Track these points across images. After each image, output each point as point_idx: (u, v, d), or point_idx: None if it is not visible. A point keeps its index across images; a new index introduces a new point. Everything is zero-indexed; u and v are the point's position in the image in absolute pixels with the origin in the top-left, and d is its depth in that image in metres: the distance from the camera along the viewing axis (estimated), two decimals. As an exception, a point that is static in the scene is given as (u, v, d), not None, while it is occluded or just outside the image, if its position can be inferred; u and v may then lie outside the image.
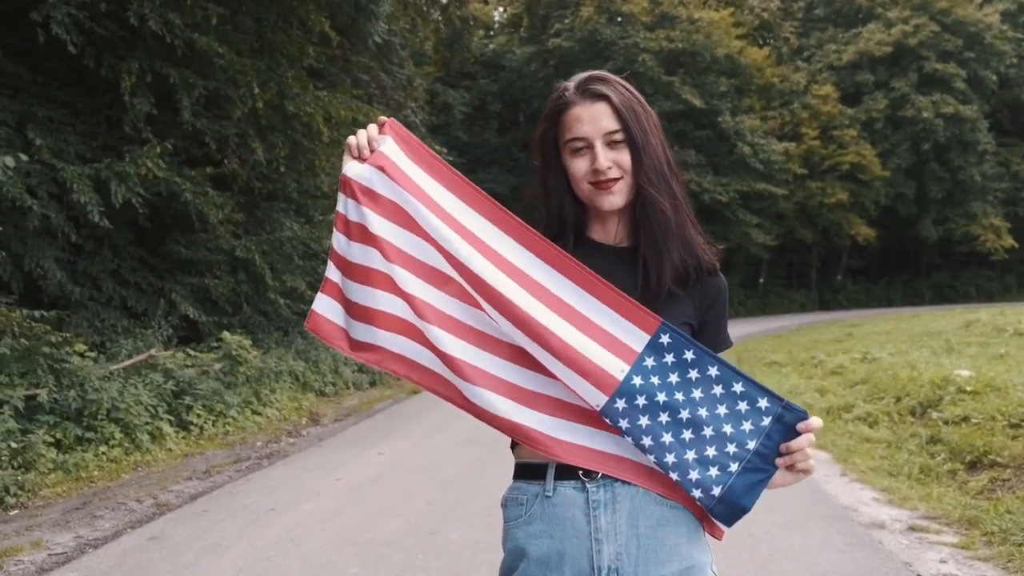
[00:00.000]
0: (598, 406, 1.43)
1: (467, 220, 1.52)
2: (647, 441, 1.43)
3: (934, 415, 7.69)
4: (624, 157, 1.50)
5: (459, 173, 1.56)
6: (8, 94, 9.13)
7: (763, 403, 1.44)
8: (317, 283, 13.98)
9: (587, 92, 1.52)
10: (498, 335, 1.50)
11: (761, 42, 39.22)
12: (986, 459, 6.24)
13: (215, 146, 10.74)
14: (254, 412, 9.78)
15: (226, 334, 10.25)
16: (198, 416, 8.75)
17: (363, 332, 1.54)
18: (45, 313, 7.79)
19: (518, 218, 1.52)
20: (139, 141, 9.60)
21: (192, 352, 9.75)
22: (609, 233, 1.59)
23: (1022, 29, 40.87)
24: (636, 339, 1.45)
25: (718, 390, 1.44)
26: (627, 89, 1.53)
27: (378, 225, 1.52)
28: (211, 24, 9.97)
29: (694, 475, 1.44)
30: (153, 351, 9.08)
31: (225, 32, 10.74)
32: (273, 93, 11.15)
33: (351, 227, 1.53)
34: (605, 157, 1.49)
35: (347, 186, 1.53)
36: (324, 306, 1.57)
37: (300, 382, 11.59)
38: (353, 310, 1.54)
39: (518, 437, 1.48)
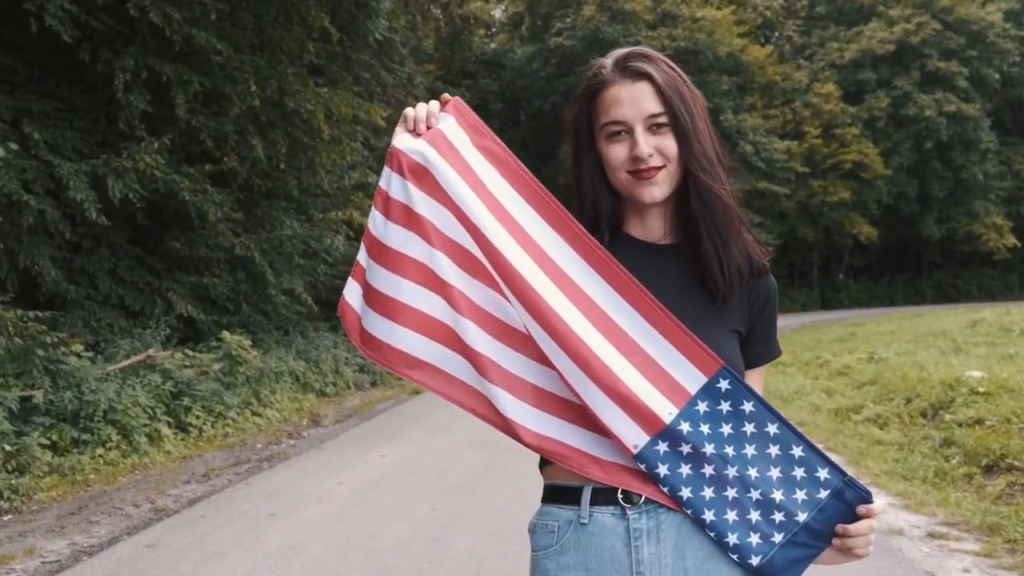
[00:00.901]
0: (636, 447, 1.28)
1: (525, 221, 1.36)
2: (685, 493, 1.29)
3: (947, 417, 7.55)
4: (668, 143, 1.34)
5: (525, 169, 1.39)
6: (4, 89, 8.99)
7: (823, 474, 1.30)
8: (317, 283, 13.88)
9: (627, 70, 1.36)
10: (531, 334, 1.35)
11: (763, 40, 39.08)
12: (1003, 463, 6.09)
13: (213, 143, 10.59)
14: (254, 413, 9.64)
15: (226, 334, 10.11)
16: (197, 417, 8.61)
17: (378, 325, 1.37)
18: (40, 313, 7.64)
19: (582, 227, 1.36)
20: (136, 139, 9.45)
21: (191, 352, 9.60)
22: (648, 229, 1.43)
23: (1024, 27, 40.74)
24: (691, 379, 1.30)
25: (774, 451, 1.30)
26: (671, 67, 1.37)
27: (424, 206, 1.35)
28: (210, 20, 9.82)
29: (732, 539, 1.30)
30: (151, 351, 8.94)
31: (224, 28, 10.59)
32: (273, 90, 11.02)
33: (392, 206, 1.37)
34: (646, 143, 1.33)
35: (394, 159, 1.36)
36: (352, 293, 1.41)
37: (300, 382, 11.45)
38: (372, 298, 1.38)
39: (548, 453, 1.33)
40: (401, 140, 1.37)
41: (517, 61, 33.82)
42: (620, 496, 1.31)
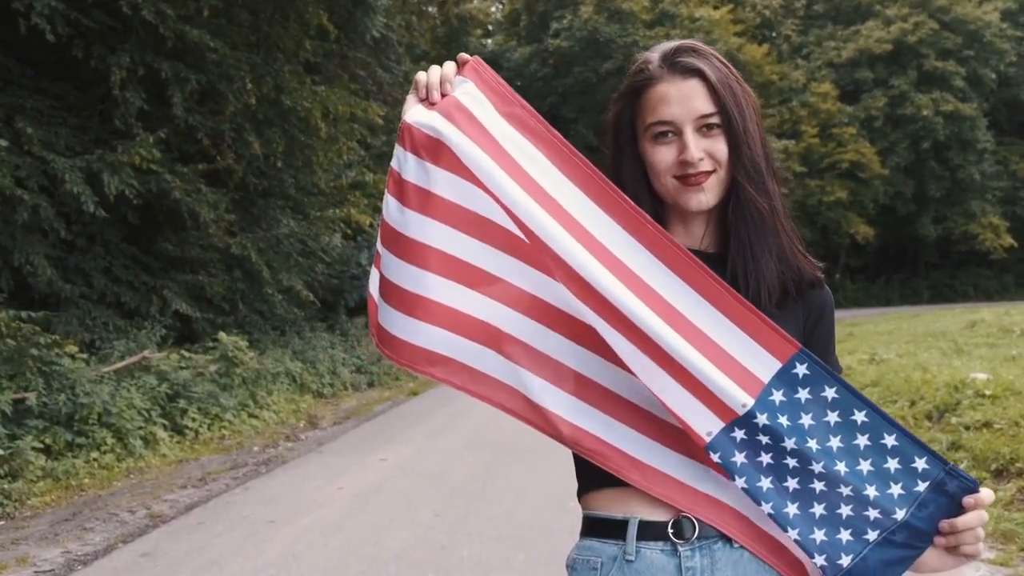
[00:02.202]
0: (710, 434, 1.14)
1: (565, 198, 1.20)
2: (765, 483, 1.14)
3: (953, 420, 7.46)
4: (719, 146, 1.23)
5: (562, 139, 1.22)
6: (-4, 86, 8.86)
7: (920, 464, 1.14)
8: (315, 282, 13.76)
9: (676, 66, 1.24)
10: (585, 319, 1.21)
11: (760, 39, 39.01)
12: (1013, 467, 6.01)
13: (209, 142, 10.47)
14: (251, 415, 9.51)
15: (222, 335, 9.98)
16: (193, 420, 8.48)
17: (396, 321, 1.23)
18: (32, 314, 7.51)
19: (630, 201, 1.20)
20: (131, 136, 9.32)
21: (186, 353, 9.48)
22: (693, 236, 1.32)
23: (1022, 28, 40.69)
24: (764, 366, 1.15)
25: (863, 441, 1.14)
26: (723, 63, 1.26)
27: (444, 186, 1.19)
28: (203, 16, 9.69)
29: (819, 535, 1.15)
30: (146, 352, 8.80)
31: (220, 25, 10.48)
32: (270, 87, 10.91)
33: (407, 190, 1.20)
34: (696, 146, 1.22)
35: (407, 136, 1.20)
36: (374, 284, 1.28)
37: (297, 383, 11.32)
38: (389, 291, 1.23)
39: (584, 449, 1.20)
40: (413, 113, 1.20)
41: (515, 62, 33.69)
42: (671, 531, 1.20)
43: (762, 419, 1.13)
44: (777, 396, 1.14)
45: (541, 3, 33.85)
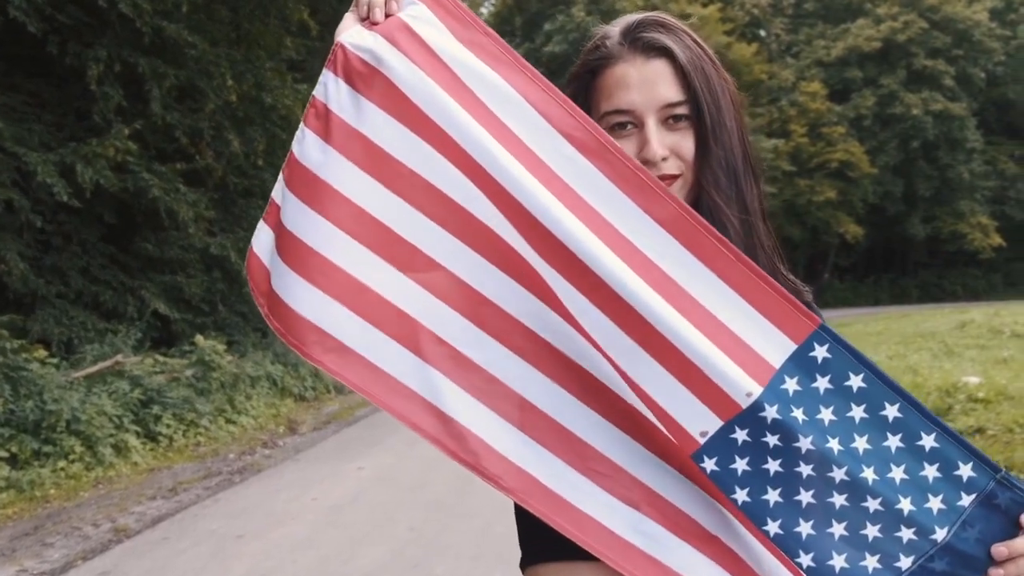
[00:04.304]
0: (704, 434, 0.93)
1: (542, 144, 0.96)
2: (773, 496, 0.93)
3: (945, 426, 7.31)
4: (686, 144, 1.02)
5: (538, 74, 0.98)
6: (-34, 82, 8.62)
7: (965, 472, 0.93)
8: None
9: (638, 43, 1.04)
10: (543, 330, 0.97)
11: (750, 37, 38.94)
12: (1007, 475, 5.87)
13: (187, 140, 10.24)
14: (228, 421, 9.26)
15: (199, 338, 9.74)
16: (167, 426, 8.23)
17: (289, 285, 0.98)
18: (-2, 318, 7.28)
19: (621, 149, 0.97)
20: (108, 133, 9.08)
21: (161, 358, 9.23)
22: None
23: (1010, 27, 40.74)
24: (775, 347, 0.94)
25: (895, 442, 0.93)
26: (696, 42, 1.06)
27: (379, 129, 0.95)
28: (182, 12, 9.45)
29: (839, 562, 0.94)
30: (119, 357, 8.55)
31: (199, 21, 10.26)
32: (250, 85, 10.68)
33: (333, 124, 0.97)
34: (660, 142, 1.01)
35: (340, 60, 0.97)
36: (263, 242, 1.03)
37: (278, 387, 11.07)
38: (289, 250, 0.98)
39: (505, 486, 0.96)
40: (351, 34, 0.98)
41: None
42: None
43: (771, 412, 0.91)
44: (791, 385, 0.93)
45: (534, 3, 33.69)
